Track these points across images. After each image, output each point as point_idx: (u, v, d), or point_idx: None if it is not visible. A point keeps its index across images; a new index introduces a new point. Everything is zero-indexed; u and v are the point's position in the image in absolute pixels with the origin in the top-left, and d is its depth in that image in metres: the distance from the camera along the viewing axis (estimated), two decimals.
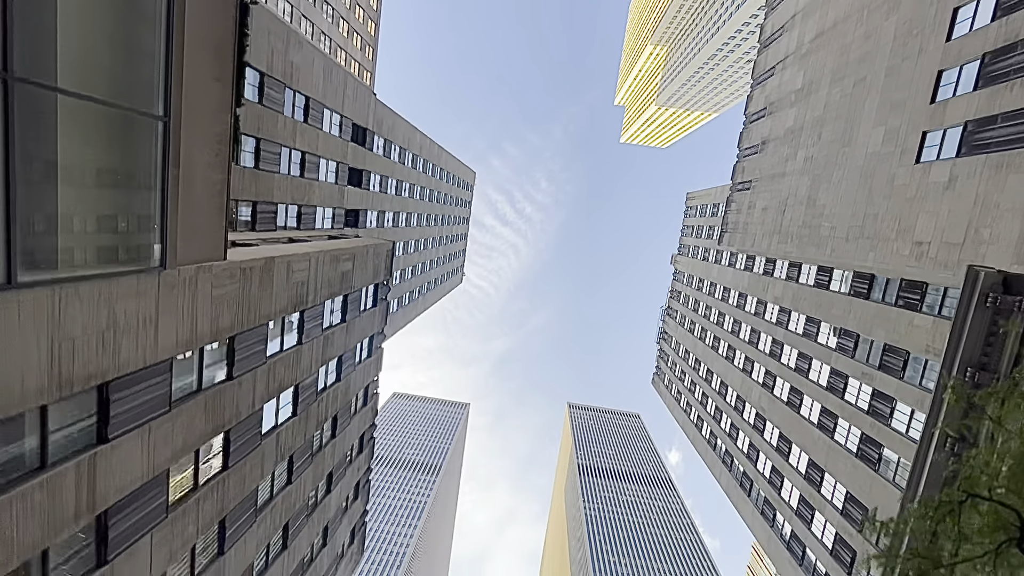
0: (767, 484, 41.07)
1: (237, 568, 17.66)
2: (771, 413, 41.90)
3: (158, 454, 12.90)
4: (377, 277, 28.53)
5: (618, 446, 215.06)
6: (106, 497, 11.41)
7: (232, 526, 16.97)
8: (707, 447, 54.58)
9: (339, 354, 24.51)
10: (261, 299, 16.79)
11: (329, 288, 22.26)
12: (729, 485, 48.09)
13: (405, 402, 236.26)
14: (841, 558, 31.19)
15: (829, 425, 34.13)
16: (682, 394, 65.50)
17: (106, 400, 11.14)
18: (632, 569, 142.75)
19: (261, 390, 17.59)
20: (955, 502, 8.40)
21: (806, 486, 35.79)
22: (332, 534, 27.05)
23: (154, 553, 13.27)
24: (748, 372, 47.21)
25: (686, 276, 70.69)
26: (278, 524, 20.43)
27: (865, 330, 32.01)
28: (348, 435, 27.38)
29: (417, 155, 51.60)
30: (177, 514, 14.02)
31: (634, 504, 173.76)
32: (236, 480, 16.86)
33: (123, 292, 11.02)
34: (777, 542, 38.71)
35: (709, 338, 58.56)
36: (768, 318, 44.99)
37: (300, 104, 27.28)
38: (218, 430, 15.37)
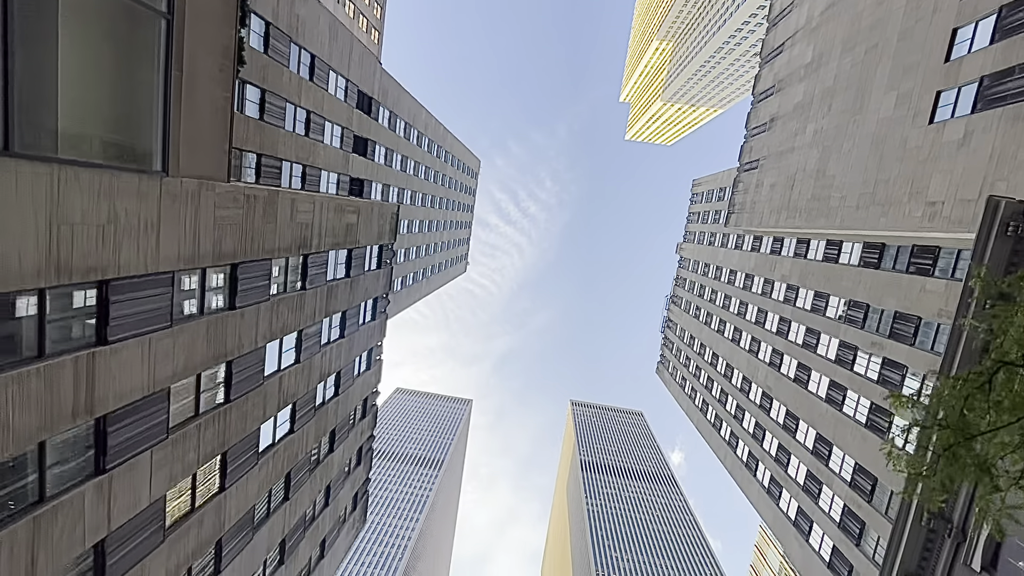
0: (773, 462, 40.60)
1: (238, 508, 17.41)
2: (778, 391, 41.44)
3: (159, 369, 12.66)
4: (382, 238, 28.29)
5: (621, 443, 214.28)
6: (105, 401, 11.17)
7: (233, 463, 16.72)
8: (712, 430, 54.12)
9: (343, 309, 24.25)
10: (265, 232, 16.55)
11: (334, 237, 22.01)
12: (734, 466, 47.62)
13: (408, 397, 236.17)
14: (850, 530, 30.72)
15: (837, 398, 33.67)
16: (687, 380, 65.03)
17: (106, 300, 10.91)
18: (634, 564, 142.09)
19: (264, 327, 17.35)
20: (987, 372, 8.06)
21: (813, 461, 35.32)
22: (335, 495, 26.79)
23: (154, 472, 13.03)
24: (754, 352, 46.75)
25: (691, 263, 70.23)
26: (280, 472, 20.18)
27: (875, 300, 31.56)
28: (351, 396, 27.12)
29: (422, 133, 51.39)
30: (178, 437, 13.78)
31: (637, 501, 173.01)
32: (238, 416, 16.61)
33: (124, 189, 10.78)
34: (783, 520, 38.24)
35: (715, 322, 58.10)
36: (775, 296, 44.54)
37: (306, 61, 27.08)
38: (220, 359, 15.12)
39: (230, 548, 17.28)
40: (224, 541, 16.89)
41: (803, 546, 35.15)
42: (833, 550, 32.04)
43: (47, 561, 10.36)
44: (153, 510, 13.26)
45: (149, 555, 13.31)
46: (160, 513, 13.54)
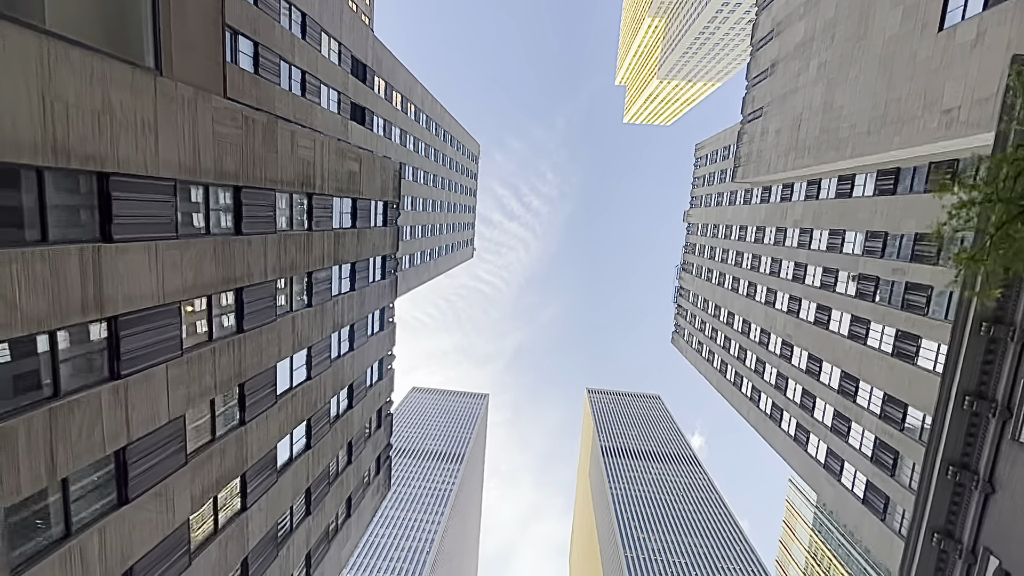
0: (799, 409, 39.86)
1: (259, 445, 17.18)
2: (798, 337, 40.66)
3: (168, 281, 12.41)
4: (386, 195, 27.99)
5: (640, 427, 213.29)
6: (115, 301, 10.92)
7: (251, 397, 16.49)
8: (733, 389, 53.37)
9: (351, 260, 23.98)
10: (267, 160, 16.26)
11: (337, 182, 21.72)
12: (758, 421, 46.90)
13: (425, 395, 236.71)
14: (883, 461, 30.00)
15: (861, 332, 32.90)
16: (703, 344, 64.25)
17: (108, 195, 10.65)
18: (663, 544, 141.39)
19: (272, 260, 17.08)
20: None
21: (840, 400, 34.57)
22: (357, 454, 26.57)
23: (171, 389, 12.79)
24: (771, 303, 45.96)
25: (700, 227, 69.36)
26: (299, 417, 19.94)
27: (894, 226, 30.75)
28: (366, 355, 26.86)
29: (420, 109, 51.06)
30: (192, 357, 13.54)
31: (660, 482, 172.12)
32: (252, 349, 16.37)
33: (116, 78, 10.50)
34: (813, 464, 37.51)
35: (728, 281, 57.28)
36: (789, 243, 43.72)
37: (296, 19, 26.80)
38: (229, 283, 14.86)
39: (255, 486, 17.06)
40: (248, 477, 16.67)
41: (835, 486, 34.44)
42: (867, 485, 31.32)
43: (67, 459, 10.13)
44: (174, 428, 13.03)
45: (172, 475, 13.09)
46: (180, 433, 13.31)
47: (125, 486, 11.73)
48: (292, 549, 20.15)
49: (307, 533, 21.39)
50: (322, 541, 23.15)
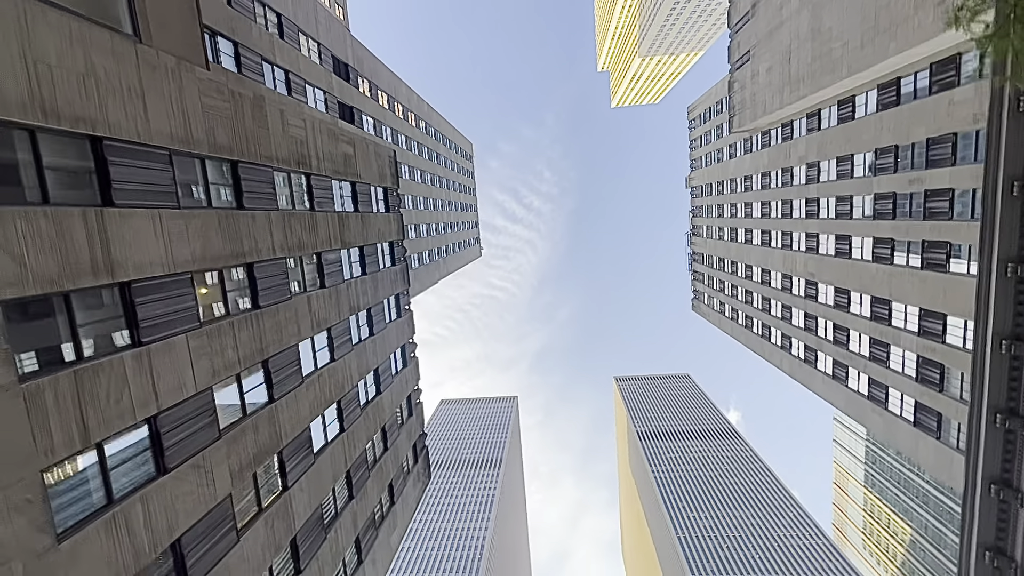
0: (833, 346, 38.83)
1: (291, 424, 17.05)
2: (821, 273, 39.68)
3: (176, 250, 12.35)
4: (384, 180, 27.94)
5: (674, 407, 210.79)
6: (125, 266, 10.86)
7: (276, 373, 16.38)
8: (762, 342, 52.29)
9: (359, 244, 23.90)
10: (259, 136, 16.24)
11: (333, 164, 21.68)
12: (793, 367, 45.82)
13: (454, 406, 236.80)
14: (929, 378, 28.98)
15: (885, 253, 31.95)
16: (725, 304, 63.19)
17: (104, 159, 10.61)
18: (714, 521, 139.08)
19: (279, 237, 17.02)
20: None
21: (875, 326, 33.57)
22: (392, 440, 26.38)
23: (194, 360, 12.70)
24: (788, 246, 44.99)
25: (704, 188, 68.45)
26: (329, 398, 19.81)
27: (903, 137, 29.86)
28: (387, 340, 26.73)
29: (407, 107, 51.23)
30: (211, 330, 13.45)
31: (702, 459, 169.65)
32: (271, 325, 16.27)
33: (96, 42, 10.49)
34: (857, 398, 36.44)
35: (740, 235, 56.32)
36: (797, 181, 42.82)
37: (272, 19, 26.99)
38: (239, 258, 14.79)
39: (293, 465, 16.92)
40: (285, 456, 16.54)
41: (883, 415, 33.37)
42: (916, 406, 30.28)
43: (98, 423, 10.04)
44: (203, 400, 12.93)
45: (207, 448, 12.97)
46: (210, 405, 13.21)
47: (162, 456, 11.63)
48: (340, 532, 19.96)
49: (353, 517, 21.20)
50: (369, 527, 22.95)
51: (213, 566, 12.91)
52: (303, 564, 17.14)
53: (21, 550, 8.47)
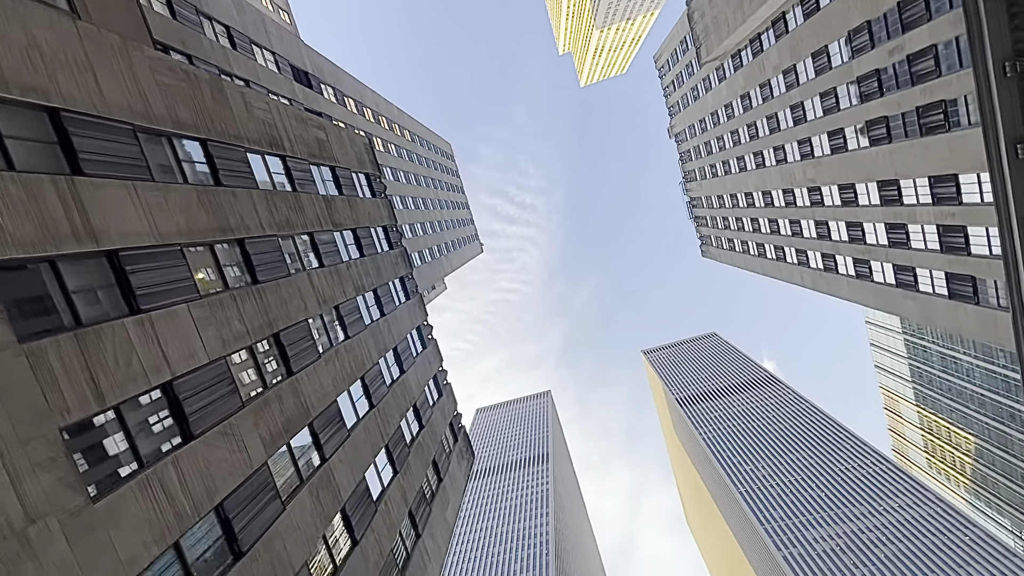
0: (849, 245, 37.89)
1: (317, 397, 16.81)
2: (821, 176, 38.80)
3: (159, 222, 12.19)
4: (364, 166, 27.81)
5: (707, 367, 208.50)
6: (108, 234, 10.70)
7: (290, 347, 16.17)
8: (778, 264, 51.31)
9: (351, 227, 23.74)
10: (224, 116, 16.11)
11: (307, 148, 21.56)
12: (815, 279, 44.83)
13: (489, 413, 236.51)
14: (953, 245, 28.07)
15: (881, 133, 31.09)
16: (733, 239, 62.23)
17: (64, 130, 10.48)
18: (772, 468, 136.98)
19: (265, 215, 16.86)
20: None
21: (887, 211, 32.67)
22: (427, 418, 26.09)
23: (200, 329, 12.52)
24: (782, 159, 44.13)
25: (687, 131, 67.65)
26: (351, 374, 19.58)
27: (872, 9, 29.14)
28: (400, 321, 26.49)
29: (377, 111, 51.27)
30: (213, 301, 13.28)
31: (746, 411, 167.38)
32: (275, 300, 16.08)
33: (33, 16, 10.38)
34: (885, 290, 35.46)
35: (732, 165, 55.46)
36: (777, 92, 42.01)
37: (221, 32, 27.05)
38: (226, 232, 14.63)
39: (327, 437, 16.68)
40: (317, 427, 16.30)
41: (916, 298, 32.39)
42: (947, 278, 29.34)
43: (111, 386, 9.85)
44: (218, 369, 12.73)
45: (233, 416, 12.77)
46: (227, 375, 13.00)
47: (186, 422, 11.42)
48: (391, 505, 19.67)
49: (402, 492, 20.91)
50: (420, 502, 22.64)
51: (263, 532, 12.68)
52: (358, 535, 16.87)
53: (53, 507, 8.27)
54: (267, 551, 12.59)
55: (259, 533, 12.53)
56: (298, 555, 13.66)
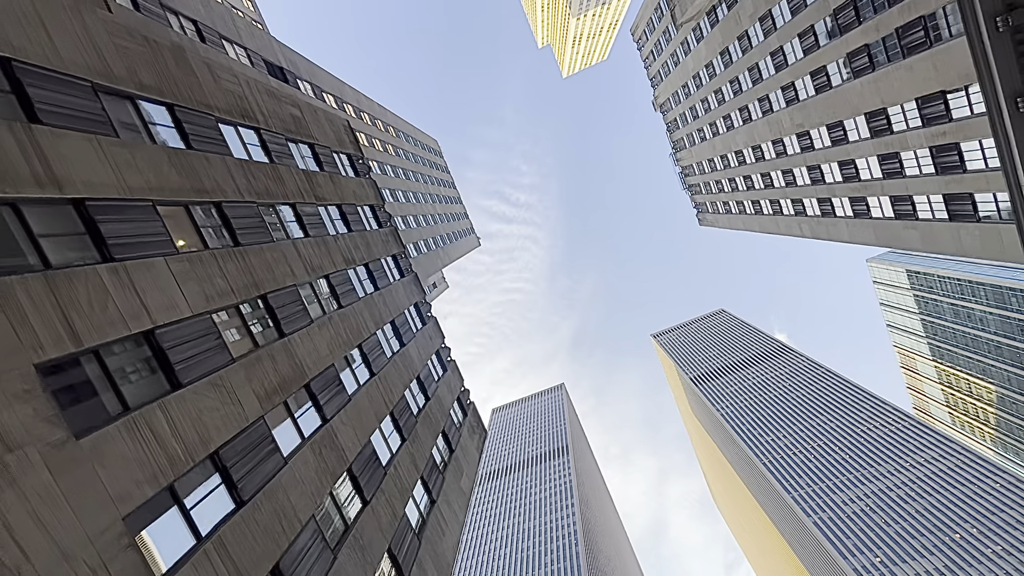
0: (844, 185, 37.39)
1: (312, 359, 16.57)
2: (808, 119, 38.33)
3: (127, 177, 11.99)
4: (344, 146, 27.63)
5: (718, 344, 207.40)
6: (72, 183, 10.51)
7: (280, 309, 15.94)
8: (776, 219, 50.78)
9: (335, 203, 23.53)
10: (189, 83, 15.93)
11: (282, 123, 21.38)
12: (816, 227, 44.30)
13: (506, 412, 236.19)
14: (948, 165, 27.59)
15: (864, 63, 30.64)
16: (728, 201, 61.72)
17: (16, 79, 10.29)
18: (794, 436, 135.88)
19: (242, 181, 16.65)
20: None
21: (878, 142, 32.19)
22: (432, 390, 25.83)
23: (180, 283, 12.30)
24: (768, 110, 43.67)
25: (671, 98, 67.21)
26: (347, 341, 19.34)
27: None
28: (395, 296, 26.26)
29: (358, 107, 51.17)
30: (192, 257, 13.06)
31: (762, 382, 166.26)
32: (259, 263, 15.87)
33: None
34: (885, 224, 34.94)
35: (720, 126, 54.98)
36: (756, 41, 41.58)
37: (188, 26, 26.94)
38: (201, 194, 14.43)
39: (326, 398, 16.44)
40: (315, 389, 16.06)
41: (917, 227, 31.87)
42: (945, 200, 28.84)
43: (87, 328, 9.64)
44: (203, 324, 12.51)
45: (222, 369, 12.54)
46: (212, 330, 12.78)
47: (172, 371, 11.20)
48: (401, 470, 19.40)
49: (411, 458, 20.64)
50: (433, 470, 22.36)
51: (265, 483, 12.43)
52: (368, 495, 16.61)
53: (32, 438, 8.05)
54: (270, 502, 12.35)
55: (261, 484, 12.30)
56: (304, 508, 13.41)
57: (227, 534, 10.84)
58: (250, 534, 11.39)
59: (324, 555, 13.50)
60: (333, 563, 13.68)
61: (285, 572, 11.96)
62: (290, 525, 12.67)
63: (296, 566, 12.37)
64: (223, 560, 10.48)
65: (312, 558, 12.99)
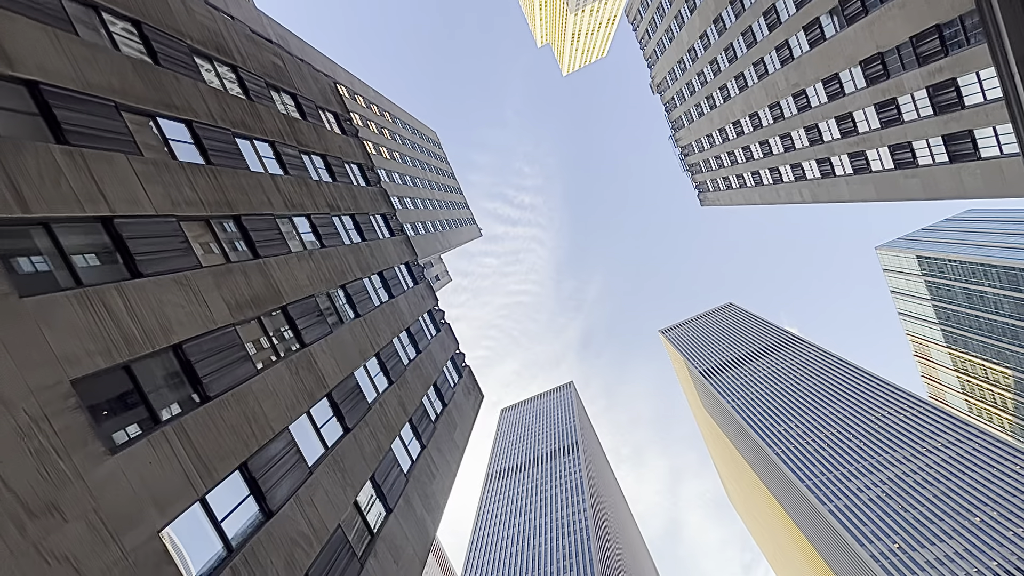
0: (842, 141, 36.72)
1: (289, 285, 16.28)
2: (804, 76, 37.75)
3: (87, 73, 11.81)
4: (330, 104, 27.53)
5: (727, 337, 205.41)
6: (22, 62, 10.32)
7: (255, 233, 15.67)
8: (776, 187, 50.06)
9: (319, 152, 23.34)
10: (159, 6, 15.79)
11: (262, 68, 21.25)
12: (816, 189, 43.57)
13: (515, 411, 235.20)
14: (946, 104, 26.93)
15: (857, 8, 30.08)
16: (728, 176, 61.03)
17: None
18: (807, 425, 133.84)
19: (214, 106, 16.44)
20: None
21: (874, 92, 31.57)
22: (424, 347, 25.48)
23: (143, 182, 12.06)
24: (764, 73, 43.10)
25: (668, 76, 66.76)
26: (329, 278, 19.03)
27: None
28: (384, 250, 25.98)
29: (351, 88, 51.21)
30: (157, 160, 12.83)
31: (772, 373, 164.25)
32: (232, 184, 15.61)
33: None
34: (884, 177, 34.22)
35: (717, 98, 54.44)
36: (748, 3, 41.10)
37: None
38: (168, 108, 14.22)
39: (305, 325, 16.13)
40: (293, 313, 15.75)
41: (917, 174, 31.14)
42: (944, 142, 28.14)
43: (35, 199, 9.40)
44: (168, 226, 12.27)
45: (187, 271, 12.27)
46: (178, 233, 12.53)
47: (132, 261, 10.95)
48: (388, 409, 19.04)
49: (399, 401, 20.27)
50: (423, 418, 21.97)
51: (234, 386, 12.12)
52: (350, 423, 16.25)
53: None
54: (239, 404, 12.03)
55: (229, 386, 11.98)
56: (278, 419, 13.08)
57: (190, 423, 10.53)
58: (215, 428, 11.07)
59: (300, 467, 13.15)
60: (309, 476, 13.32)
61: (255, 472, 11.62)
62: (261, 431, 12.34)
63: (268, 470, 12.03)
64: (183, 445, 10.15)
65: (286, 467, 12.65)
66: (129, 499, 8.68)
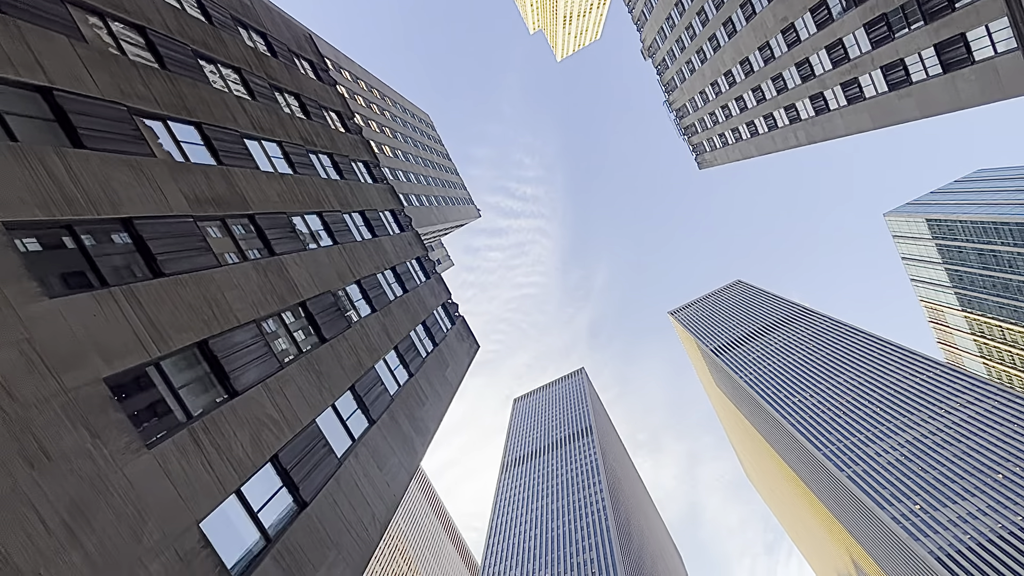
0: (835, 71, 35.78)
1: (259, 198, 15.99)
2: (791, 8, 36.82)
3: None
4: (305, 52, 27.18)
5: (737, 314, 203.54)
6: None
7: (218, 141, 15.39)
8: (772, 135, 49.10)
9: (295, 92, 23.04)
10: None
11: (227, 1, 20.94)
12: (812, 128, 42.63)
13: (527, 399, 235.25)
14: (936, 8, 26.01)
15: None
16: (724, 131, 60.04)
17: None
18: (820, 396, 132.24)
19: (173, 24, 16.14)
20: None
21: (863, 8, 30.66)
22: (412, 288, 25.16)
23: (89, 66, 11.79)
24: (751, 14, 42.14)
25: (657, 37, 65.75)
26: (304, 203, 18.73)
27: None
28: (365, 193, 25.65)
29: (336, 63, 50.92)
30: (104, 52, 12.55)
31: (784, 346, 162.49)
32: (192, 94, 15.27)
33: None
34: (880, 102, 33.28)
35: (707, 51, 53.44)
36: None
37: None
38: (119, 10, 13.95)
39: (275, 236, 15.84)
40: (261, 224, 15.48)
41: (911, 92, 30.22)
42: (937, 49, 27.22)
43: None
44: (114, 111, 11.99)
45: (140, 156, 12.00)
46: (127, 119, 12.27)
47: (73, 132, 10.68)
48: (370, 332, 18.76)
49: (383, 328, 19.98)
50: (411, 349, 21.67)
51: (191, 270, 11.85)
52: (327, 334, 15.98)
53: None
54: (198, 286, 11.76)
55: (185, 268, 11.72)
56: (243, 310, 12.81)
57: (142, 291, 10.26)
58: (171, 303, 10.80)
59: (269, 360, 12.88)
60: (280, 370, 13.05)
61: (218, 352, 11.35)
62: (224, 316, 12.07)
63: (232, 353, 11.76)
64: (135, 309, 9.89)
65: (253, 355, 12.38)
66: (70, 341, 8.42)
